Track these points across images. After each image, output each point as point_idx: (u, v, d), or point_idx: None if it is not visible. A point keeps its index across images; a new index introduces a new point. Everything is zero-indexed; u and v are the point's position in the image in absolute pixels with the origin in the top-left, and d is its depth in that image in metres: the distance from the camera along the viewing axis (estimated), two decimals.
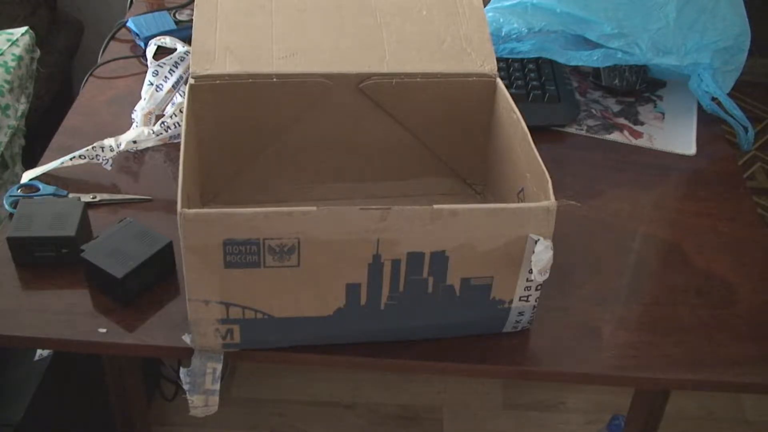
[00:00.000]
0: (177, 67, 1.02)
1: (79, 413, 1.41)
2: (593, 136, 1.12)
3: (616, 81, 1.19)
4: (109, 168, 0.98)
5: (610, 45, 1.12)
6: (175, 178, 0.88)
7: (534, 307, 0.79)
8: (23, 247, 0.86)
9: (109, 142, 0.97)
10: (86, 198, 0.94)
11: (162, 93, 1.02)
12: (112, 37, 1.26)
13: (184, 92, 0.90)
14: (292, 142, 0.93)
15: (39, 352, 0.94)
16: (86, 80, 1.17)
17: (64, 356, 1.25)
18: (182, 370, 0.78)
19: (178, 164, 0.74)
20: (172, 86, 1.02)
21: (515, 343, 0.82)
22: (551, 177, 0.74)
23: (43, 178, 0.97)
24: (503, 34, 1.13)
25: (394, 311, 0.76)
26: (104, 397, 1.18)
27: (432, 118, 0.93)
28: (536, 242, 0.72)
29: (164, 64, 1.02)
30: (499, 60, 0.93)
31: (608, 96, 1.20)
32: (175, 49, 1.03)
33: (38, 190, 0.95)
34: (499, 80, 0.90)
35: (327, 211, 0.69)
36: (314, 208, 0.69)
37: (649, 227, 0.98)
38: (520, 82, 1.15)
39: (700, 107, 1.16)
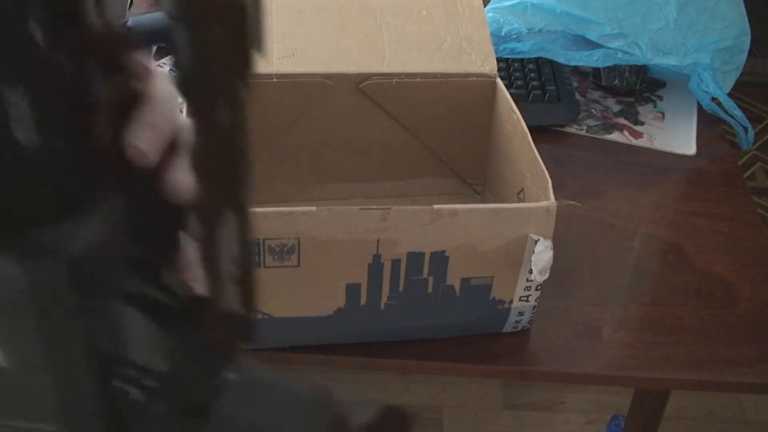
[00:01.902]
0: None
1: None
2: (593, 136, 1.12)
3: (616, 81, 1.19)
4: None
5: (610, 45, 1.12)
6: None
7: (534, 307, 0.79)
8: None
9: None
10: None
11: None
12: None
13: None
14: (292, 142, 0.93)
15: None
16: None
17: None
18: None
19: None
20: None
21: (515, 343, 0.82)
22: (551, 177, 0.74)
23: None
24: (503, 34, 1.13)
25: (394, 311, 0.76)
26: None
27: (432, 118, 0.93)
28: (536, 242, 0.72)
29: (164, 64, 1.02)
30: (499, 60, 0.93)
31: (608, 96, 1.20)
32: None
33: None
34: (499, 80, 0.90)
35: (327, 211, 0.69)
36: (314, 208, 0.69)
37: (649, 227, 0.98)
38: (520, 82, 1.15)
39: (700, 107, 1.16)
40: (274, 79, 0.87)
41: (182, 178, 0.30)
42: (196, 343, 0.30)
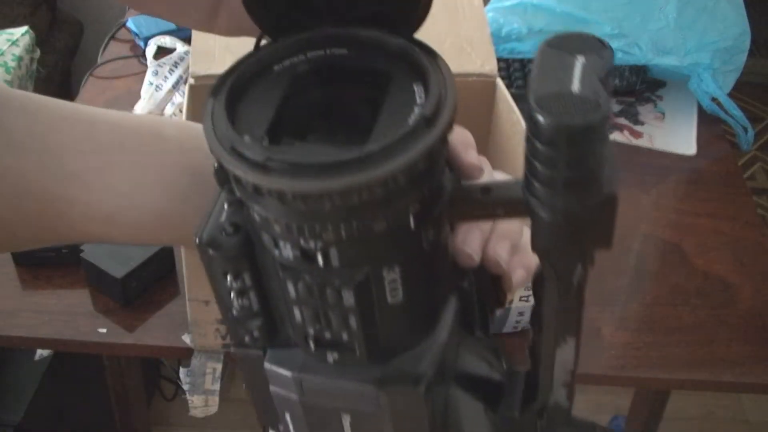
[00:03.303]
0: (177, 67, 1.02)
1: (79, 413, 1.41)
2: None
3: (616, 81, 1.19)
4: None
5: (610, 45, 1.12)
6: None
7: None
8: None
9: None
10: None
11: (162, 93, 1.02)
12: (112, 37, 1.26)
13: (184, 92, 0.90)
14: None
15: (39, 352, 0.94)
16: (86, 80, 1.17)
17: (64, 356, 1.25)
18: (182, 370, 0.78)
19: None
20: (172, 86, 1.02)
21: (515, 343, 0.82)
22: None
23: None
24: (503, 34, 1.13)
25: None
26: (104, 397, 1.18)
27: None
28: None
29: (164, 63, 1.02)
30: (499, 60, 0.93)
31: None
32: (175, 49, 1.04)
33: None
34: (499, 80, 0.90)
35: None
36: None
37: (649, 227, 0.98)
38: (520, 82, 1.15)
39: (700, 107, 1.16)
40: None
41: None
42: (519, 418, 0.34)
